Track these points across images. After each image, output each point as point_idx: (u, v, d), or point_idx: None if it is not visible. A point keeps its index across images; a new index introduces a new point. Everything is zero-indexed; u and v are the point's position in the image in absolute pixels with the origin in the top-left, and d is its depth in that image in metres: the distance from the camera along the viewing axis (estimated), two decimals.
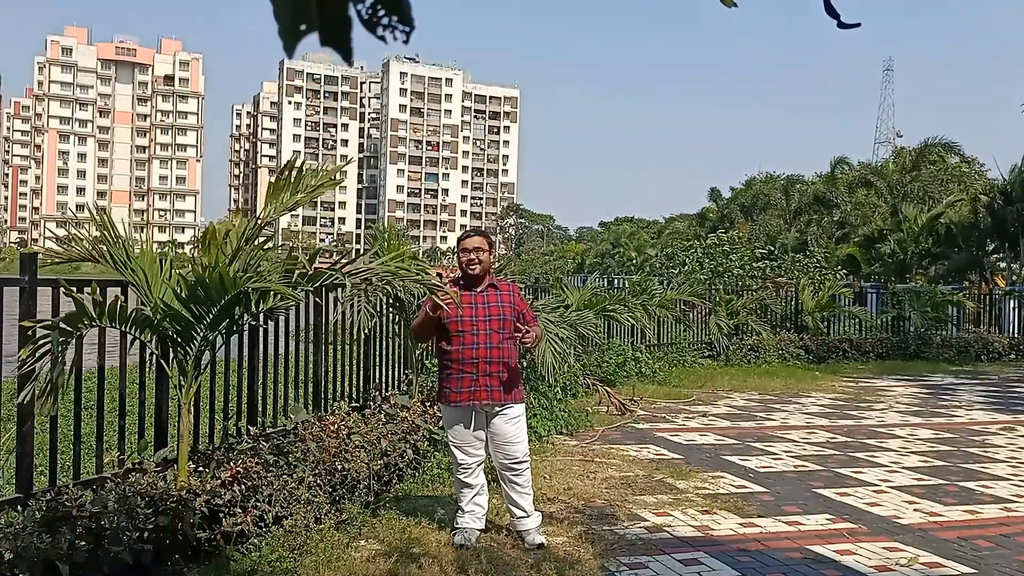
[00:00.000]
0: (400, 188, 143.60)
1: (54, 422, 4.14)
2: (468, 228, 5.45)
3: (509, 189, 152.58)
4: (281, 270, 4.42)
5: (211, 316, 4.20)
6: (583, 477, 6.55)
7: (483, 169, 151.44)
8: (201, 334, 4.29)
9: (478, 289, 4.80)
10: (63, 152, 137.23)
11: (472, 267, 4.79)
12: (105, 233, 4.34)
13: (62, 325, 3.74)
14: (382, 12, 0.87)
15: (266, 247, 4.61)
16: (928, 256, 31.34)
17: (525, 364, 8.55)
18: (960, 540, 5.17)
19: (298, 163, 4.66)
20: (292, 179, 4.54)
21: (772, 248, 25.99)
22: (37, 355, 3.64)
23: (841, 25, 1.25)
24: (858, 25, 1.25)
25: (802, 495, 6.23)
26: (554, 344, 8.78)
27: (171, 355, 4.48)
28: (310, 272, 4.35)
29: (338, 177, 5.06)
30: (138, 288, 4.31)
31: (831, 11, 1.23)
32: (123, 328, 4.19)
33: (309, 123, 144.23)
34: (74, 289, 4.05)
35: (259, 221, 4.52)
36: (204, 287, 4.04)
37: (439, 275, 7.45)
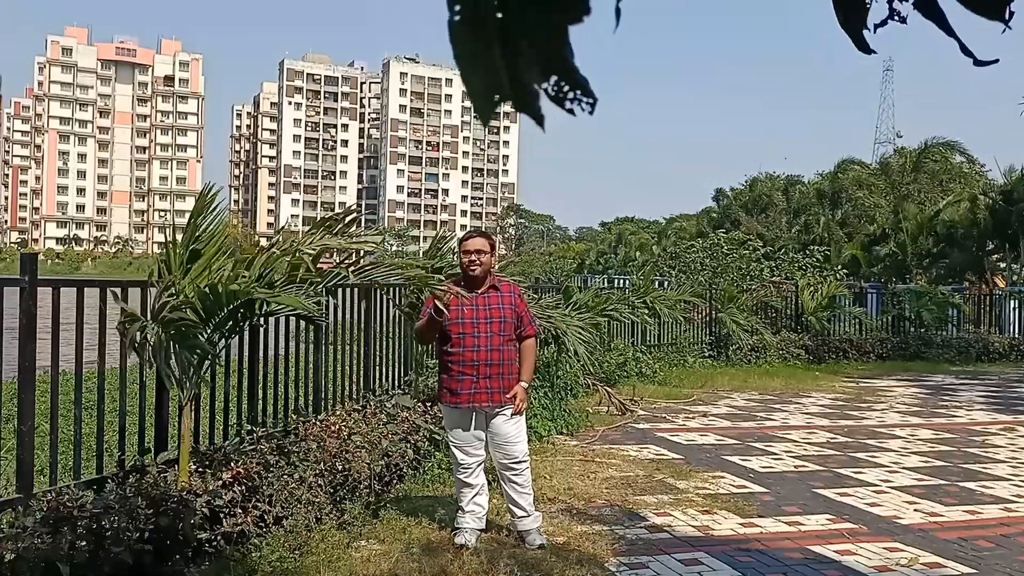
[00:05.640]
0: (400, 188, 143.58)
1: (54, 422, 4.14)
2: (470, 229, 5.46)
3: (509, 189, 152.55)
4: (286, 273, 4.43)
5: (217, 319, 4.21)
6: (583, 477, 6.55)
7: (483, 169, 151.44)
8: (205, 336, 4.29)
9: (479, 291, 4.80)
10: (63, 152, 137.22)
11: (472, 268, 4.80)
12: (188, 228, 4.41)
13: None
14: (566, 88, 0.97)
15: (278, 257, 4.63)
16: (928, 256, 31.31)
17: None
18: (961, 540, 5.17)
19: (351, 218, 4.84)
20: (339, 225, 4.78)
21: (772, 248, 25.95)
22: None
23: (978, 63, 1.31)
24: (996, 61, 1.29)
25: (802, 495, 6.24)
26: (582, 336, 9.28)
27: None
28: (313, 277, 4.37)
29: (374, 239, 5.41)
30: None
31: (966, 51, 1.29)
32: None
33: (309, 123, 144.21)
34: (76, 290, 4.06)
35: (296, 247, 4.58)
36: (215, 293, 4.05)
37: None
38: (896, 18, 1.38)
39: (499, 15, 0.95)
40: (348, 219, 4.82)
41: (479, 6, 0.94)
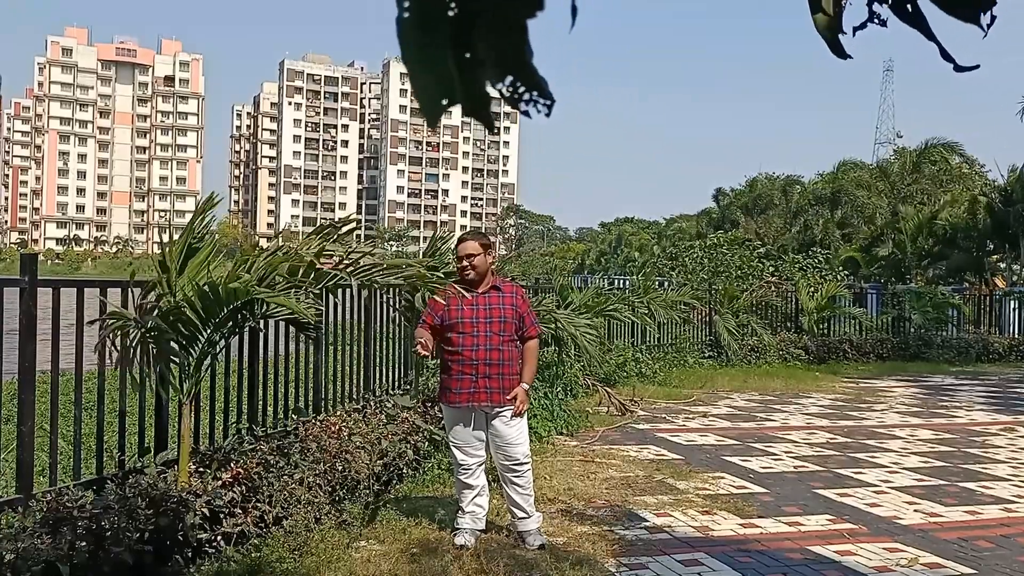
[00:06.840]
0: (400, 189, 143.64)
1: (54, 423, 4.14)
2: (466, 230, 5.46)
3: (509, 190, 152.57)
4: (285, 271, 4.43)
5: (217, 319, 4.21)
6: (583, 478, 6.55)
7: (483, 169, 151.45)
8: (205, 335, 4.29)
9: (479, 291, 4.81)
10: (63, 153, 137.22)
11: (466, 273, 4.81)
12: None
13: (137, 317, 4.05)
14: (522, 89, 0.94)
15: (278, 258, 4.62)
16: (927, 257, 31.34)
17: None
18: (960, 541, 5.17)
19: (348, 227, 4.88)
20: (338, 231, 4.87)
21: (771, 248, 25.98)
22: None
23: (958, 68, 1.30)
24: (977, 67, 1.29)
25: (802, 496, 6.23)
26: (588, 336, 9.63)
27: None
28: (313, 276, 4.38)
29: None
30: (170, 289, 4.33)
31: (946, 56, 1.28)
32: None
33: (309, 124, 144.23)
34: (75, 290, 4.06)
35: (298, 252, 4.58)
36: (215, 292, 4.05)
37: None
38: (876, 21, 1.35)
39: (452, 11, 0.90)
40: (345, 228, 4.83)
41: (431, 3, 0.90)
